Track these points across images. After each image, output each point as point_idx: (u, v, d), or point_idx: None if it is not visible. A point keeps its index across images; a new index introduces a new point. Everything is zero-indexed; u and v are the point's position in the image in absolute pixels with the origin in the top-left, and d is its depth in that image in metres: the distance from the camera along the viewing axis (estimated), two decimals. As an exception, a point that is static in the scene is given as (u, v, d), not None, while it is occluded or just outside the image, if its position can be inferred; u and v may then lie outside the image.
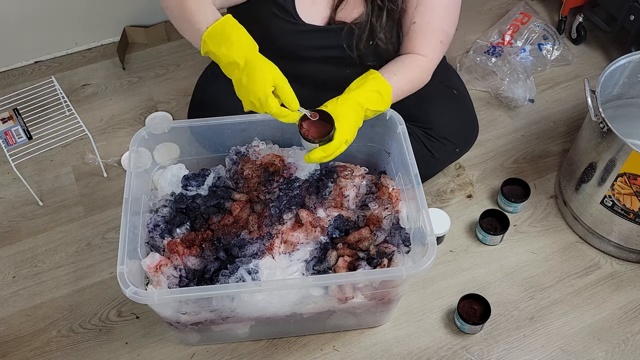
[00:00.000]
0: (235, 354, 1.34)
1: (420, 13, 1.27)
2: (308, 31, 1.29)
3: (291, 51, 1.31)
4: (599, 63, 1.94)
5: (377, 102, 1.19)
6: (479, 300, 1.36)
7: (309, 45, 1.31)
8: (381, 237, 1.20)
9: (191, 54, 2.00)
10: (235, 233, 1.21)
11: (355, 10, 1.29)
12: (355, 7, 1.29)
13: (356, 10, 1.29)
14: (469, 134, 1.56)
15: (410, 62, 1.28)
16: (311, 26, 1.29)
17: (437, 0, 1.26)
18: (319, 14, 1.30)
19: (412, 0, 1.27)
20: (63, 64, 1.99)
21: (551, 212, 1.58)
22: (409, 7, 1.28)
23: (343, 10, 1.29)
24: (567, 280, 1.45)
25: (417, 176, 1.17)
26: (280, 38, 1.30)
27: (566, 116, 1.80)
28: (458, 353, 1.34)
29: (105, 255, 1.51)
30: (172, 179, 1.31)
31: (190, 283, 1.16)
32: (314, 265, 1.17)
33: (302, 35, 1.30)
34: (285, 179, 1.28)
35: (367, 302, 1.20)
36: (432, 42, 1.29)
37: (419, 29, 1.28)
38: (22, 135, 1.58)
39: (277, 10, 1.27)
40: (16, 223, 1.59)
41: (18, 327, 1.40)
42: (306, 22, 1.28)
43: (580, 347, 1.35)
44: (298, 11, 1.28)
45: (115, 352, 1.36)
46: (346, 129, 1.12)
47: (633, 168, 1.28)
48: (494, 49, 1.90)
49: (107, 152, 1.74)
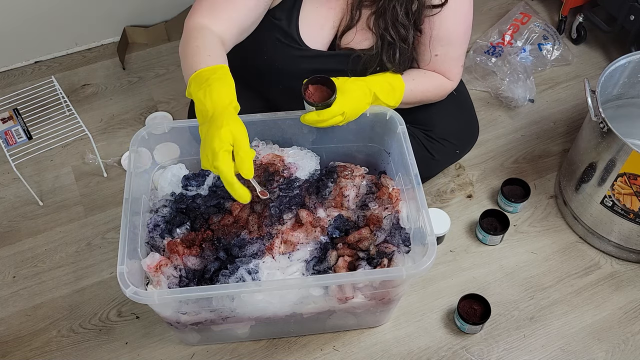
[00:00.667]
0: (235, 354, 1.34)
1: (441, 46, 1.30)
2: (312, 56, 1.29)
3: (293, 74, 1.31)
4: (599, 63, 1.94)
5: (387, 93, 1.23)
6: (479, 300, 1.36)
7: (310, 69, 1.30)
8: (381, 237, 1.20)
9: (191, 54, 2.00)
10: (235, 233, 1.21)
11: (365, 41, 1.28)
12: (365, 38, 1.28)
13: (366, 42, 1.28)
14: (470, 136, 1.56)
15: (432, 76, 1.34)
16: (315, 51, 1.29)
17: (456, 32, 1.29)
18: (322, 39, 1.29)
19: (426, 34, 1.28)
20: (63, 64, 1.99)
21: (551, 212, 1.58)
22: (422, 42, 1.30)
23: (349, 37, 1.28)
24: (567, 280, 1.45)
25: (417, 176, 1.17)
26: (284, 62, 1.30)
27: (566, 116, 1.80)
28: (458, 353, 1.34)
29: (105, 255, 1.51)
30: (172, 179, 1.31)
31: (190, 283, 1.16)
32: (314, 265, 1.17)
33: (306, 60, 1.29)
34: (285, 179, 1.28)
35: (367, 302, 1.20)
36: (455, 69, 1.35)
37: (442, 60, 1.32)
38: (22, 135, 1.58)
39: (280, 36, 1.26)
40: (16, 223, 1.59)
41: (18, 327, 1.40)
42: (310, 47, 1.28)
43: (580, 347, 1.35)
44: (302, 36, 1.27)
45: (115, 352, 1.36)
46: (346, 102, 1.16)
47: (633, 168, 1.28)
48: (494, 49, 1.90)
49: (107, 152, 1.74)
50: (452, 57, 1.33)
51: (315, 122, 1.17)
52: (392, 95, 1.25)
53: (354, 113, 1.19)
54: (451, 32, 1.28)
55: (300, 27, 1.26)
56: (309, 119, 1.18)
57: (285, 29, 1.26)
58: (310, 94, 1.18)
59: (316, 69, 1.28)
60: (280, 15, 1.25)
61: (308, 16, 1.26)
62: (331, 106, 1.16)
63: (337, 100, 1.16)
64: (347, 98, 1.17)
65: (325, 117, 1.16)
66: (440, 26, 1.26)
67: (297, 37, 1.27)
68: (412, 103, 1.35)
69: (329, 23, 1.28)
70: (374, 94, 1.22)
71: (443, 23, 1.26)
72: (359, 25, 1.27)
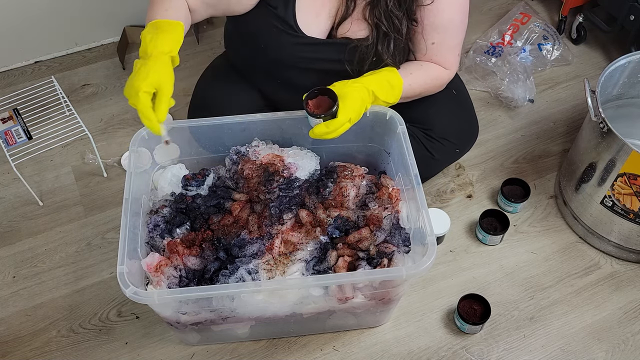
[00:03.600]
0: (235, 354, 1.34)
1: (437, 34, 1.30)
2: (309, 44, 1.29)
3: (289, 62, 1.31)
4: (599, 63, 1.94)
5: (387, 91, 1.24)
6: (479, 300, 1.36)
7: (308, 57, 1.31)
8: (381, 237, 1.20)
9: (191, 54, 2.00)
10: (235, 233, 1.21)
11: (360, 31, 1.29)
12: (361, 28, 1.29)
13: (362, 32, 1.29)
14: (469, 135, 1.56)
15: (429, 68, 1.34)
16: (312, 39, 1.29)
17: (452, 20, 1.29)
18: (319, 27, 1.30)
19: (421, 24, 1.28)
20: (63, 64, 1.99)
21: (551, 212, 1.58)
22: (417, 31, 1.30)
23: (345, 27, 1.29)
24: (567, 280, 1.45)
25: (417, 176, 1.17)
26: (280, 49, 1.30)
27: (566, 116, 1.80)
28: (458, 353, 1.34)
29: (105, 255, 1.51)
30: (172, 179, 1.31)
31: (190, 283, 1.16)
32: (314, 265, 1.17)
33: (302, 47, 1.30)
34: (285, 179, 1.28)
35: (367, 302, 1.20)
36: (451, 58, 1.35)
37: (438, 49, 1.32)
38: (22, 135, 1.58)
39: (277, 23, 1.27)
40: (16, 223, 1.59)
41: (18, 327, 1.40)
42: (307, 35, 1.28)
43: (580, 347, 1.35)
44: (299, 24, 1.27)
45: (115, 352, 1.36)
46: (350, 108, 1.16)
47: (633, 168, 1.28)
48: (494, 49, 1.90)
49: (107, 152, 1.74)
50: (448, 45, 1.32)
51: (325, 133, 1.17)
52: (392, 93, 1.25)
53: (359, 116, 1.20)
54: (447, 19, 1.28)
55: (297, 14, 1.27)
56: (318, 132, 1.17)
57: (282, 16, 1.26)
58: (313, 107, 1.18)
59: (313, 57, 1.29)
60: (275, 2, 1.26)
61: (305, 3, 1.27)
62: (337, 115, 1.16)
63: (341, 107, 1.16)
64: (349, 103, 1.17)
65: (334, 127, 1.16)
66: (437, 14, 1.27)
67: (293, 24, 1.27)
68: (411, 97, 1.35)
69: (325, 11, 1.29)
70: (372, 93, 1.22)
71: (439, 11, 1.26)
72: (354, 15, 1.27)
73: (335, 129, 1.16)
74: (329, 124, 1.16)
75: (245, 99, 1.45)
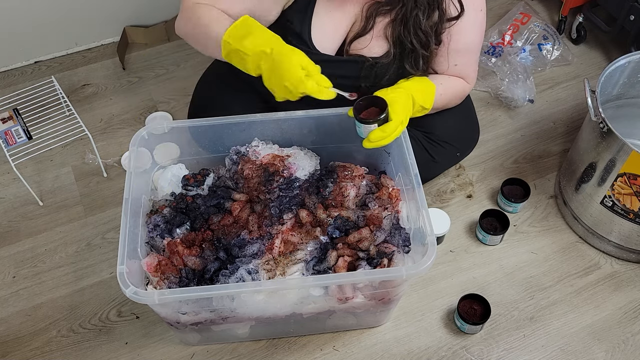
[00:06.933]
0: (235, 354, 1.34)
1: (460, 57, 1.32)
2: (322, 61, 1.28)
3: None
4: (599, 63, 1.94)
5: (424, 96, 1.26)
6: (479, 300, 1.36)
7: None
8: (381, 237, 1.20)
9: (191, 54, 2.00)
10: (235, 233, 1.21)
11: (377, 48, 1.28)
12: (377, 46, 1.28)
13: (378, 49, 1.28)
14: (470, 138, 1.56)
15: (455, 81, 1.37)
16: (326, 56, 1.29)
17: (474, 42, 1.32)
18: (332, 44, 1.29)
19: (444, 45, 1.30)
20: (63, 64, 1.99)
21: (551, 212, 1.58)
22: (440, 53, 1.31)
23: (362, 43, 1.28)
24: (567, 280, 1.45)
25: (417, 176, 1.17)
26: None
27: (566, 116, 1.80)
28: (458, 353, 1.34)
29: (105, 255, 1.51)
30: (172, 179, 1.31)
31: (190, 283, 1.16)
32: (314, 265, 1.17)
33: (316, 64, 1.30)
34: (285, 179, 1.28)
35: (367, 302, 1.20)
36: (473, 74, 1.40)
37: (460, 69, 1.35)
38: (22, 135, 1.58)
39: (292, 38, 1.25)
40: (16, 223, 1.59)
41: (18, 327, 1.40)
42: (320, 52, 1.28)
43: (580, 347, 1.35)
44: (313, 40, 1.27)
45: (115, 352, 1.36)
46: (401, 111, 1.18)
47: (633, 168, 1.28)
48: (494, 49, 1.90)
49: (107, 152, 1.74)
50: (470, 63, 1.36)
51: (381, 138, 1.16)
52: (428, 98, 1.28)
53: (407, 119, 1.21)
54: (469, 42, 1.32)
55: (312, 30, 1.26)
56: (375, 138, 1.16)
57: (297, 31, 1.26)
58: (366, 115, 1.17)
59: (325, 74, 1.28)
60: (291, 17, 1.25)
61: (321, 20, 1.26)
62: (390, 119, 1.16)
63: (391, 111, 1.17)
64: (398, 106, 1.18)
65: (390, 130, 1.16)
66: (459, 39, 1.29)
67: (308, 40, 1.26)
68: (438, 107, 1.36)
69: (342, 29, 1.29)
70: (412, 97, 1.23)
71: (462, 35, 1.29)
72: (372, 33, 1.27)
73: (391, 133, 1.16)
74: (384, 129, 1.15)
75: (245, 99, 1.45)
